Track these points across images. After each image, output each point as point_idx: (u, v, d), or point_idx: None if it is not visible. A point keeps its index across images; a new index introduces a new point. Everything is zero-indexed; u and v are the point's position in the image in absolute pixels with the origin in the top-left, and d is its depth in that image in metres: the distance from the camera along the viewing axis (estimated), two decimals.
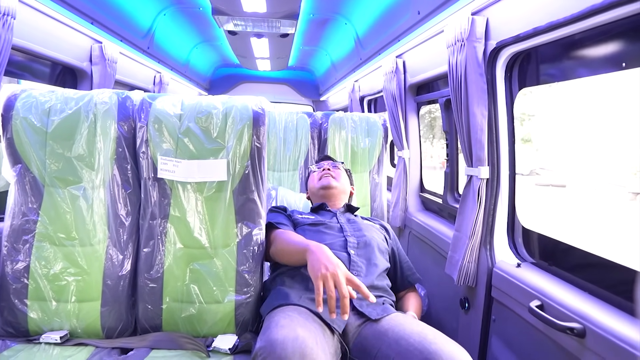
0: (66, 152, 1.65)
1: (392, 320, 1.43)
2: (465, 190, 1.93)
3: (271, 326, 1.25)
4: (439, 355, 1.19)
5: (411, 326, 1.36)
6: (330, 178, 2.10)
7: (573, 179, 6.23)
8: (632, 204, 4.71)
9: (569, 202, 5.96)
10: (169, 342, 1.60)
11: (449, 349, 1.21)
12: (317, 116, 2.88)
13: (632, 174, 4.70)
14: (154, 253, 1.66)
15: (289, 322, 1.25)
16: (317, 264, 1.35)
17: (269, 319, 1.37)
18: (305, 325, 1.26)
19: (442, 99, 2.58)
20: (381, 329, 1.40)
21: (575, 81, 1.59)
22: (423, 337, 1.28)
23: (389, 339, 1.34)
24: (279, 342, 1.13)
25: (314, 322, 1.36)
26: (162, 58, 3.98)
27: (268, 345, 1.14)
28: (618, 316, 1.24)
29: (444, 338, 1.28)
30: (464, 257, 1.88)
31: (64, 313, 1.62)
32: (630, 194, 5.02)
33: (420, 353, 1.22)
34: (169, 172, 1.65)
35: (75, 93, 1.71)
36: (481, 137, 1.81)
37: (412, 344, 1.26)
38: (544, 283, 1.52)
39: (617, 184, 5.48)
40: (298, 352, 1.11)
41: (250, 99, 1.73)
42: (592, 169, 5.47)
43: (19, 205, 1.64)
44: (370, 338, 1.40)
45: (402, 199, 2.99)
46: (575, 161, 5.62)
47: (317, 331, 1.28)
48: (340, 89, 5.29)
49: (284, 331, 1.18)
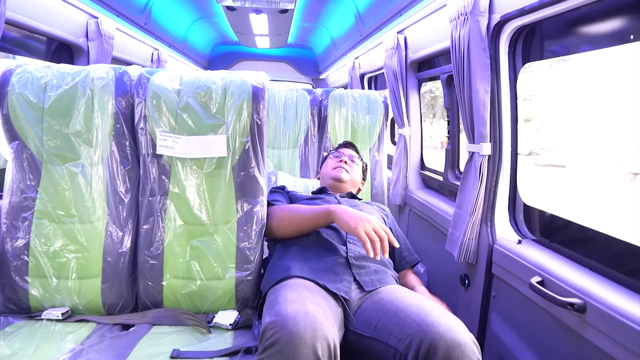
0: (63, 129, 1.63)
1: (393, 293, 1.43)
2: (467, 167, 1.92)
3: (279, 300, 1.25)
4: (435, 327, 1.18)
5: (410, 299, 1.36)
6: (343, 172, 2.09)
7: (572, 159, 6.22)
8: (632, 184, 4.71)
9: (568, 182, 5.96)
10: (170, 318, 1.61)
11: (446, 320, 1.21)
12: (317, 93, 2.85)
13: (632, 155, 4.69)
14: (154, 230, 1.66)
15: (298, 297, 1.25)
16: (351, 219, 1.53)
17: (274, 293, 1.37)
18: (313, 300, 1.26)
19: (443, 75, 2.55)
20: (381, 300, 1.41)
21: (576, 61, 1.56)
22: (421, 309, 1.28)
23: (388, 311, 1.34)
24: (290, 317, 1.13)
25: (319, 294, 1.37)
26: (160, 35, 3.91)
27: (279, 319, 1.13)
28: (619, 291, 1.24)
29: (441, 310, 1.28)
30: (465, 234, 1.88)
31: (64, 290, 1.62)
32: (630, 174, 5.01)
33: (417, 325, 1.22)
34: (168, 148, 1.64)
35: (72, 68, 1.68)
36: (483, 113, 1.79)
37: (409, 316, 1.27)
38: (545, 259, 1.52)
39: (616, 164, 5.48)
40: (310, 327, 1.11)
41: (249, 74, 1.70)
42: (592, 150, 5.46)
43: (17, 182, 1.63)
44: (370, 310, 1.41)
45: (402, 177, 2.98)
46: (575, 142, 5.60)
47: (324, 305, 1.29)
48: (340, 67, 5.23)
49: (294, 306, 1.18)
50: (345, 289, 1.48)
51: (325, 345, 1.11)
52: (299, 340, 1.08)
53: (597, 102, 3.98)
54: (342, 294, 1.45)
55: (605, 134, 4.90)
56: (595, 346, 1.23)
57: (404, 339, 1.22)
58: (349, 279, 1.52)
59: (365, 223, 1.50)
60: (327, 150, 2.72)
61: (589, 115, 4.52)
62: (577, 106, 4.49)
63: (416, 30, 2.68)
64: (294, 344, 1.08)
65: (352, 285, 1.50)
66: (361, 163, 2.22)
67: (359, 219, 1.52)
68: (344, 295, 1.45)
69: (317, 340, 1.10)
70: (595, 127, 4.70)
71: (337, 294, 1.45)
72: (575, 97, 4.26)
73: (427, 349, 1.15)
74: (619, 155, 5.29)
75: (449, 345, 1.14)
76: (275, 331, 1.11)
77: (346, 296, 1.45)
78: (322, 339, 1.11)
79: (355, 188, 2.17)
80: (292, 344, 1.08)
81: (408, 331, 1.23)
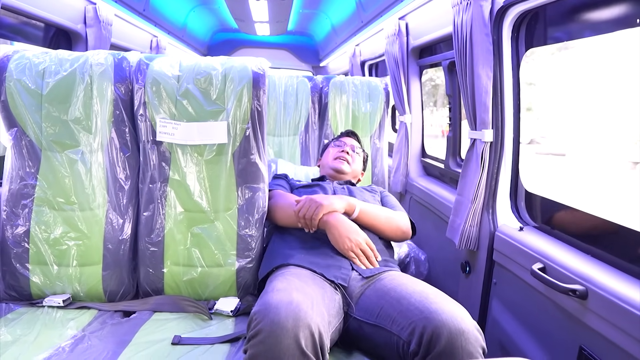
0: (62, 115, 1.61)
1: (395, 280, 1.43)
2: (468, 154, 1.91)
3: (268, 290, 1.25)
4: (439, 314, 1.18)
5: (413, 286, 1.35)
6: (345, 163, 2.06)
7: (573, 148, 6.20)
8: (632, 173, 4.69)
9: (568, 170, 5.95)
10: (171, 304, 1.61)
11: (449, 307, 1.20)
12: (317, 80, 2.83)
13: (633, 144, 4.67)
14: (154, 217, 1.65)
15: (286, 286, 1.25)
16: (339, 237, 1.56)
17: (269, 282, 1.38)
18: (302, 289, 1.25)
19: (445, 62, 2.53)
20: (384, 288, 1.40)
21: (578, 49, 1.54)
22: (424, 296, 1.27)
23: (391, 298, 1.33)
24: (273, 307, 1.12)
25: (314, 283, 1.36)
26: (159, 21, 3.88)
27: (263, 309, 1.13)
28: (620, 278, 1.24)
29: (444, 297, 1.28)
30: (466, 221, 1.87)
31: (65, 277, 1.62)
32: (630, 163, 4.99)
33: (420, 312, 1.21)
34: (168, 134, 1.63)
35: (70, 54, 1.67)
36: (486, 100, 1.77)
37: (412, 303, 1.26)
38: (547, 246, 1.52)
39: (617, 153, 5.47)
40: (292, 317, 1.10)
41: (249, 60, 1.69)
42: (592, 139, 5.44)
43: (17, 169, 1.62)
44: (373, 297, 1.40)
45: (403, 164, 2.97)
46: (575, 131, 5.58)
47: (315, 293, 1.28)
48: (341, 54, 5.20)
49: (279, 295, 1.18)
50: (343, 276, 1.47)
51: (308, 334, 1.09)
52: (281, 330, 1.07)
53: (597, 91, 3.95)
54: (339, 281, 1.45)
55: (606, 123, 4.88)
56: (596, 332, 1.23)
57: (407, 326, 1.22)
58: (347, 267, 1.51)
59: (349, 242, 1.55)
60: (328, 138, 2.70)
61: (590, 104, 4.49)
62: (577, 95, 4.46)
63: (418, 16, 2.65)
64: (275, 334, 1.07)
65: (352, 273, 1.50)
66: (362, 154, 2.21)
67: (347, 237, 1.55)
68: (342, 282, 1.44)
69: (300, 329, 1.08)
70: (595, 116, 4.68)
71: (336, 282, 1.45)
72: (576, 86, 4.22)
73: (430, 336, 1.15)
74: (619, 144, 5.27)
75: (452, 333, 1.13)
76: (259, 321, 1.11)
77: (344, 283, 1.45)
78: (305, 328, 1.09)
79: (356, 179, 2.16)
80: (274, 333, 1.07)
81: (411, 318, 1.22)
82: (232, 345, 1.39)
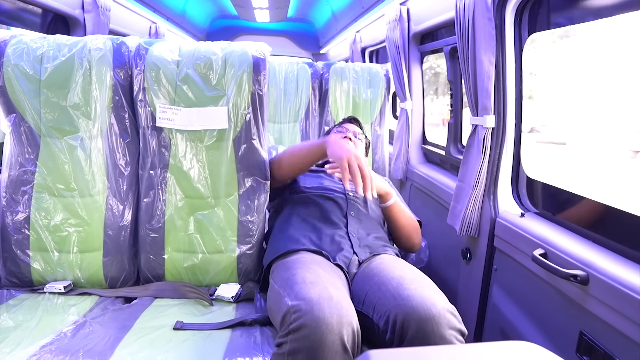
0: (61, 101, 1.60)
1: (382, 264, 1.40)
2: (470, 140, 1.90)
3: (297, 281, 1.22)
4: (409, 300, 1.15)
5: (394, 271, 1.33)
6: None
7: (573, 137, 6.19)
8: (632, 162, 4.68)
9: (568, 159, 5.94)
10: (172, 291, 1.61)
11: (421, 293, 1.17)
12: (317, 66, 2.81)
13: (634, 132, 4.65)
14: (155, 203, 1.65)
15: (317, 278, 1.22)
16: (340, 148, 1.53)
17: (284, 268, 1.36)
18: (332, 282, 1.23)
19: (447, 48, 2.50)
20: (370, 272, 1.38)
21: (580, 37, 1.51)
22: (400, 282, 1.24)
23: (374, 283, 1.31)
24: (315, 302, 1.10)
25: (331, 271, 1.35)
26: (157, 7, 3.84)
27: (303, 303, 1.10)
28: (622, 263, 1.23)
29: (420, 282, 1.24)
30: (467, 208, 1.87)
31: (66, 263, 1.62)
32: (631, 152, 4.98)
33: (394, 299, 1.19)
34: (168, 120, 1.61)
35: (68, 39, 1.65)
36: (487, 85, 1.76)
37: (389, 290, 1.23)
38: (548, 232, 1.51)
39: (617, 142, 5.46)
40: (336, 314, 1.08)
41: (250, 45, 1.67)
42: (593, 128, 5.42)
43: (16, 155, 1.61)
44: (360, 282, 1.38)
45: (404, 151, 2.96)
46: (576, 119, 5.55)
47: (340, 285, 1.26)
48: (341, 41, 5.16)
49: (316, 289, 1.15)
50: (345, 260, 1.47)
51: (350, 332, 1.08)
52: (326, 326, 1.06)
53: (598, 80, 3.92)
54: (341, 263, 1.44)
55: (606, 112, 4.85)
56: (597, 317, 1.23)
57: (384, 314, 1.20)
58: (350, 250, 1.51)
59: (352, 156, 1.48)
60: (329, 125, 2.69)
61: (590, 93, 4.46)
62: (578, 84, 4.42)
63: (419, 2, 2.62)
64: (320, 330, 1.05)
65: (353, 256, 1.50)
66: (365, 140, 2.20)
67: (348, 150, 1.50)
68: (342, 265, 1.44)
69: (343, 326, 1.07)
70: (596, 105, 4.65)
71: (341, 266, 1.44)
72: (577, 74, 4.19)
73: (402, 323, 1.13)
74: (619, 133, 5.25)
75: (422, 319, 1.11)
76: (300, 315, 1.08)
77: (345, 266, 1.44)
78: (348, 325, 1.08)
79: None
80: (319, 329, 1.05)
81: (387, 306, 1.20)
82: (234, 331, 1.39)
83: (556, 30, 1.69)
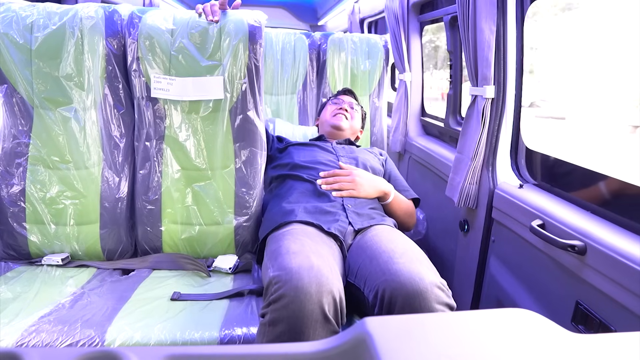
0: (53, 72, 1.57)
1: (376, 236, 1.39)
2: (469, 111, 1.88)
3: (282, 252, 1.22)
4: (398, 275, 1.14)
5: (386, 244, 1.31)
6: (343, 119, 2.06)
7: (573, 112, 6.15)
8: (631, 137, 4.67)
9: (568, 134, 5.92)
10: (170, 262, 1.62)
11: (410, 267, 1.16)
12: (315, 37, 2.75)
13: (634, 107, 4.61)
14: (151, 175, 1.64)
15: (301, 248, 1.22)
16: None
17: (275, 240, 1.35)
18: (317, 251, 1.23)
19: (447, 17, 2.45)
20: (364, 245, 1.37)
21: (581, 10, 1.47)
22: (390, 256, 1.23)
23: (367, 256, 1.30)
24: (295, 272, 1.10)
25: (321, 241, 1.34)
26: None
27: (283, 274, 1.10)
28: (620, 233, 1.23)
29: (410, 257, 1.22)
30: (465, 179, 1.86)
31: (63, 236, 1.61)
32: (630, 127, 4.95)
33: (383, 274, 1.17)
34: (163, 90, 1.59)
35: (59, 7, 1.60)
36: (488, 55, 1.72)
37: (379, 264, 1.22)
38: (546, 203, 1.51)
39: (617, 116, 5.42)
40: (315, 282, 1.07)
41: (246, 13, 1.63)
42: (593, 102, 5.38)
43: (9, 127, 1.59)
44: (354, 254, 1.38)
45: (402, 124, 2.93)
46: (576, 94, 5.51)
47: (327, 254, 1.26)
48: (339, 12, 5.06)
49: (298, 259, 1.15)
50: (340, 228, 1.46)
51: (331, 300, 1.08)
52: (304, 295, 1.06)
53: (599, 54, 3.87)
54: (336, 232, 1.43)
55: (606, 86, 4.80)
56: (593, 287, 1.23)
57: (373, 289, 1.18)
58: (345, 221, 1.50)
59: None
60: (326, 97, 2.66)
61: (591, 67, 4.41)
62: (579, 58, 4.37)
63: None
64: (299, 299, 1.05)
65: (348, 227, 1.49)
66: (360, 110, 2.18)
67: None
68: (338, 234, 1.43)
69: (323, 295, 1.07)
70: (596, 79, 4.60)
71: (336, 235, 1.44)
72: (577, 48, 4.13)
73: (389, 299, 1.12)
74: (619, 108, 5.22)
75: (410, 294, 1.10)
76: (280, 286, 1.08)
77: (340, 235, 1.44)
78: (328, 294, 1.08)
79: (354, 136, 2.14)
80: (298, 299, 1.05)
81: (376, 281, 1.18)
82: (231, 301, 1.40)
83: (558, 3, 1.65)
